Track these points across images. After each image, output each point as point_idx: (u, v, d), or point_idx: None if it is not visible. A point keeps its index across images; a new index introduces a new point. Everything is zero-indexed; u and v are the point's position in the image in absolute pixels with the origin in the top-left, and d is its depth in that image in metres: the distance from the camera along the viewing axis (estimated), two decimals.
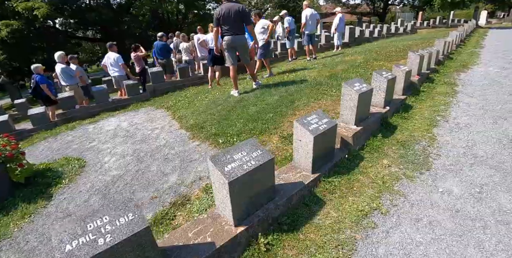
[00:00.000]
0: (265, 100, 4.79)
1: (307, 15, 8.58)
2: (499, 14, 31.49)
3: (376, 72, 3.63)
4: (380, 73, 3.64)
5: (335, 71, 6.29)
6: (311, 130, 2.31)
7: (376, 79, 3.63)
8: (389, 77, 3.62)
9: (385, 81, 3.53)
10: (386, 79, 3.53)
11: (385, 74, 3.68)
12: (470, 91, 4.79)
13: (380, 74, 3.62)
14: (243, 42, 5.10)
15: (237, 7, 4.86)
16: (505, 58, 7.52)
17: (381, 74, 3.62)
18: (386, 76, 3.62)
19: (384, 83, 3.54)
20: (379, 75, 3.59)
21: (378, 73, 3.64)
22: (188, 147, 3.83)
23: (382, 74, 3.65)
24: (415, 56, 4.94)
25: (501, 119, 3.56)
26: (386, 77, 3.59)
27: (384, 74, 3.67)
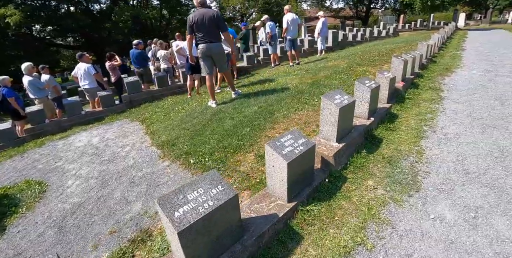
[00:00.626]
0: (243, 112, 4.51)
1: (288, 20, 8.40)
2: (476, 16, 32.41)
3: (358, 81, 3.39)
4: (363, 82, 3.40)
5: (318, 78, 6.07)
6: (285, 155, 2.01)
7: (359, 89, 3.39)
8: (373, 86, 3.38)
9: (368, 91, 3.29)
10: (370, 89, 3.29)
11: (368, 83, 3.44)
12: (456, 96, 4.62)
13: (363, 83, 3.38)
14: (218, 50, 4.84)
15: (211, 13, 4.59)
16: (488, 60, 7.49)
17: (364, 84, 3.38)
18: (370, 85, 3.38)
19: (368, 93, 3.30)
20: (362, 84, 3.35)
21: (361, 82, 3.40)
22: (157, 168, 3.53)
23: (365, 83, 3.41)
24: (399, 61, 4.75)
25: (490, 128, 3.36)
26: (369, 86, 3.35)
27: (367, 83, 3.43)
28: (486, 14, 27.10)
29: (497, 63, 7.07)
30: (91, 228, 2.65)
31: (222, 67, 5.19)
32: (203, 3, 4.70)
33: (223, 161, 3.19)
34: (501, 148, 2.90)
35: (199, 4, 4.68)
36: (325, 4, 33.24)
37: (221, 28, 4.68)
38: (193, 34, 4.69)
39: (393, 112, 3.99)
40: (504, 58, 7.70)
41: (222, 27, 4.68)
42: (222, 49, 4.99)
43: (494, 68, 6.44)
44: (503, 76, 5.68)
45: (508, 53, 8.54)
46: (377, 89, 3.53)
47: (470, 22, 27.25)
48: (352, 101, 2.84)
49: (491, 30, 18.96)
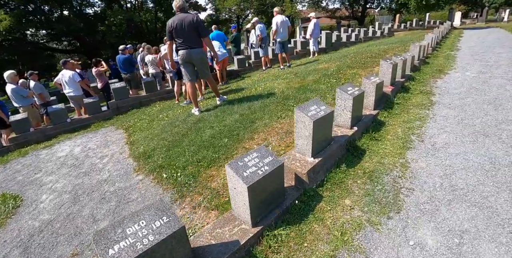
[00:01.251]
0: (224, 120, 4.32)
1: (277, 22, 8.21)
2: (472, 15, 32.26)
3: (340, 89, 3.18)
4: (345, 90, 3.18)
5: (306, 82, 5.87)
6: (246, 177, 1.80)
7: (341, 97, 3.17)
8: (356, 94, 3.17)
9: (350, 99, 3.08)
10: (352, 97, 3.07)
11: (350, 90, 3.23)
12: (448, 101, 4.41)
13: (344, 91, 3.16)
14: (199, 56, 4.68)
15: (191, 18, 4.43)
16: (482, 61, 7.28)
17: (346, 91, 3.16)
18: (352, 93, 3.17)
19: (350, 101, 3.09)
20: (344, 92, 3.14)
21: (343, 89, 3.18)
22: (130, 182, 3.38)
23: (347, 90, 3.20)
24: (387, 65, 4.54)
25: (481, 136, 3.14)
26: (351, 94, 3.14)
27: (349, 90, 3.22)
28: (482, 13, 26.92)
29: (492, 64, 6.86)
30: (55, 249, 2.54)
31: (205, 73, 5.02)
32: (182, 8, 4.54)
33: (195, 176, 3.02)
34: (493, 160, 2.68)
35: (178, 9, 4.54)
36: (321, 5, 33.08)
37: (202, 33, 4.54)
38: (173, 40, 4.56)
39: (380, 119, 3.77)
40: (500, 58, 7.49)
41: (202, 32, 4.53)
42: (204, 55, 4.83)
43: (489, 70, 6.23)
44: (497, 78, 5.46)
45: (503, 53, 8.33)
46: (361, 96, 3.31)
47: (466, 21, 27.07)
48: (329, 112, 2.62)
49: (487, 29, 18.76)
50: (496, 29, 18.27)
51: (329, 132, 2.78)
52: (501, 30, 16.83)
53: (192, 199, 2.73)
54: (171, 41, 4.59)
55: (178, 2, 4.56)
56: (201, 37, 4.56)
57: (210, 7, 37.26)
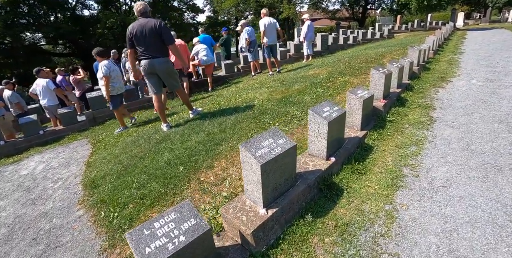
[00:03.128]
0: (188, 141, 3.74)
1: (265, 25, 7.59)
2: (475, 15, 31.46)
3: (313, 111, 2.52)
4: (319, 111, 2.53)
5: (290, 92, 5.23)
6: (149, 254, 1.16)
7: (313, 120, 2.52)
8: (333, 117, 2.51)
9: (325, 123, 2.43)
10: (327, 121, 2.41)
11: (327, 111, 2.57)
12: (451, 117, 3.73)
13: (318, 112, 2.50)
14: (164, 66, 4.12)
15: (153, 23, 3.86)
16: (489, 67, 6.58)
17: (321, 113, 2.51)
18: (329, 115, 2.51)
19: (324, 126, 2.43)
20: (317, 115, 2.48)
21: (316, 111, 2.52)
22: (68, 219, 2.90)
23: (323, 111, 2.54)
24: (379, 75, 3.88)
25: (493, 171, 2.47)
26: (327, 117, 2.48)
27: (326, 111, 2.56)
28: (485, 13, 26.13)
29: (500, 70, 6.16)
30: None
31: (172, 84, 4.46)
32: (143, 12, 3.96)
33: (132, 219, 2.50)
34: (508, 209, 2.01)
35: (139, 13, 3.96)
36: (321, 6, 32.39)
37: (166, 41, 3.99)
38: (134, 48, 4.03)
39: (367, 144, 3.11)
40: (508, 63, 6.79)
41: (167, 38, 3.98)
42: (169, 65, 4.24)
43: (497, 77, 5.54)
44: (508, 88, 4.78)
45: (511, 57, 7.62)
46: (341, 118, 2.65)
47: (469, 21, 26.28)
48: (291, 147, 1.97)
49: (491, 30, 18.00)
50: (500, 30, 17.53)
51: (292, 170, 2.12)
52: (506, 31, 16.08)
53: (121, 251, 2.15)
54: (131, 50, 4.08)
55: (139, 6, 3.99)
56: (166, 44, 4.03)
57: (209, 9, 36.80)
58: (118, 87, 5.20)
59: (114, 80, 5.11)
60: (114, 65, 5.16)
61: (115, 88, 5.14)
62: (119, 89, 5.26)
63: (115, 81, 5.15)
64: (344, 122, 2.81)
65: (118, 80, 5.21)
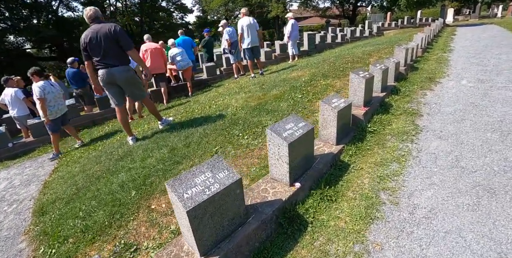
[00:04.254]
0: (150, 157, 3.41)
1: (243, 26, 7.17)
2: (465, 11, 31.38)
3: (272, 130, 2.11)
4: (279, 130, 2.12)
5: (267, 98, 4.83)
6: None
7: (272, 141, 2.11)
8: (297, 135, 2.11)
9: (285, 145, 2.01)
10: (287, 143, 2.00)
11: (290, 128, 2.16)
12: (439, 126, 3.35)
13: (277, 132, 2.09)
14: (124, 75, 3.70)
15: (107, 28, 3.45)
16: (479, 65, 6.24)
17: (281, 132, 2.10)
18: (291, 134, 2.10)
19: (285, 148, 2.02)
20: (276, 135, 2.06)
21: (275, 130, 2.11)
22: (9, 253, 2.58)
23: (284, 129, 2.13)
24: (359, 80, 3.48)
25: (486, 195, 2.09)
26: (287, 137, 2.07)
27: (288, 128, 2.15)
28: (474, 9, 25.99)
29: (491, 68, 5.82)
30: None
31: (135, 94, 4.06)
32: (95, 18, 3.54)
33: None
34: (504, 250, 1.62)
35: (90, 20, 3.54)
36: (311, 3, 32.03)
37: (124, 46, 3.59)
38: (91, 60, 3.61)
39: (343, 161, 2.71)
40: (500, 61, 6.46)
41: (125, 44, 3.58)
42: (130, 73, 3.81)
43: (489, 77, 5.19)
44: (500, 89, 4.42)
45: (503, 54, 7.30)
46: (307, 135, 2.24)
47: (459, 17, 26.10)
48: (230, 184, 1.55)
49: (481, 26, 17.77)
50: (490, 25, 17.32)
51: (239, 207, 1.70)
52: (495, 27, 15.86)
53: None
54: (88, 61, 3.64)
55: (89, 11, 3.58)
56: (125, 50, 3.62)
57: (197, 9, 36.27)
58: (55, 111, 4.76)
59: (50, 103, 4.66)
60: (50, 87, 4.71)
61: (52, 112, 4.69)
62: (58, 112, 4.81)
63: (52, 104, 4.70)
64: (313, 140, 2.39)
65: (56, 102, 4.75)
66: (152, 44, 7.22)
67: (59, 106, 4.82)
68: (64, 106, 5.00)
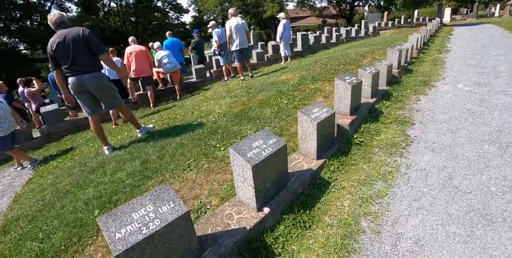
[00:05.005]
0: (121, 170, 3.16)
1: (231, 27, 6.89)
2: (462, 11, 31.17)
3: (234, 149, 1.83)
4: (245, 149, 1.84)
5: (251, 104, 4.56)
6: None
7: (236, 162, 1.83)
8: (263, 155, 1.84)
9: (248, 168, 1.74)
10: (251, 165, 1.73)
11: (258, 146, 1.89)
12: (431, 136, 3.08)
13: (241, 153, 1.82)
14: (96, 82, 3.43)
15: (75, 33, 3.18)
16: (477, 67, 5.97)
17: (245, 152, 1.82)
18: (258, 153, 1.83)
19: (248, 170, 1.75)
20: (239, 155, 1.79)
21: (238, 150, 1.84)
22: None
23: (250, 148, 1.86)
24: (345, 86, 3.20)
25: (481, 223, 1.81)
26: (252, 157, 1.80)
27: (255, 146, 1.88)
28: (472, 8, 25.76)
29: (489, 71, 5.56)
30: None
31: (110, 103, 3.78)
32: (60, 23, 3.26)
33: None
34: None
35: (55, 25, 3.26)
36: (308, 3, 31.72)
37: (95, 51, 3.32)
38: (59, 67, 3.36)
39: (323, 178, 2.43)
40: (498, 63, 6.20)
41: (96, 48, 3.31)
42: (102, 80, 3.52)
43: (486, 80, 4.93)
44: (499, 94, 4.16)
45: (501, 55, 7.05)
46: (278, 153, 1.97)
47: (456, 16, 25.87)
48: (174, 219, 1.28)
49: (478, 25, 17.53)
50: (487, 25, 17.09)
51: (189, 243, 1.43)
52: (493, 26, 15.62)
53: None
54: (57, 70, 3.38)
55: (54, 16, 3.31)
56: (97, 54, 3.35)
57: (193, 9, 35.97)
58: (6, 128, 4.42)
59: (1, 120, 4.35)
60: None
61: (3, 129, 4.37)
62: (8, 129, 4.47)
63: (3, 121, 4.39)
64: (286, 158, 2.12)
65: (5, 119, 4.43)
66: (137, 46, 6.95)
67: (9, 123, 4.46)
68: (13, 124, 4.65)
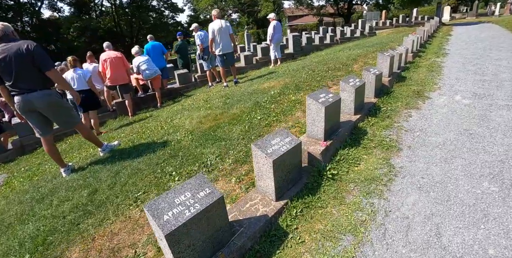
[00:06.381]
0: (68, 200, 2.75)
1: (214, 30, 6.40)
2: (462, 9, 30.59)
3: (148, 209, 1.41)
4: (161, 209, 1.35)
5: (223, 118, 4.10)
6: None
7: (152, 222, 1.36)
8: (186, 217, 1.35)
9: (162, 236, 1.25)
10: (164, 234, 1.24)
11: (182, 202, 1.41)
12: (420, 167, 2.58)
13: (156, 215, 1.33)
14: (44, 100, 3.11)
15: (18, 48, 2.85)
16: (477, 74, 5.47)
17: (162, 212, 1.33)
18: (179, 213, 1.34)
19: (163, 239, 1.26)
20: (153, 219, 1.31)
21: (153, 212, 1.35)
22: None
23: (173, 205, 1.37)
24: (317, 106, 2.69)
25: None
26: (169, 221, 1.31)
27: (178, 202, 1.40)
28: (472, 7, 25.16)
29: (490, 78, 5.05)
30: None
31: (63, 122, 3.46)
32: (2, 36, 2.88)
33: None
34: None
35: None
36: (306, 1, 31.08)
37: (42, 66, 2.97)
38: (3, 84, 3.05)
39: (280, 227, 1.94)
40: (500, 68, 5.69)
41: (43, 64, 2.96)
42: (52, 98, 3.16)
43: (487, 91, 4.43)
44: (502, 109, 3.66)
45: (503, 59, 6.54)
46: (209, 209, 1.48)
47: (456, 15, 25.27)
48: None
49: (478, 24, 16.99)
50: (488, 24, 16.56)
51: None
52: (493, 26, 15.09)
53: None
54: (1, 86, 3.07)
55: None
56: (43, 71, 2.99)
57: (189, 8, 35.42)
58: None
59: None
60: None
61: None
62: None
63: None
64: (224, 210, 1.63)
65: None
66: (112, 52, 6.48)
67: None
68: None
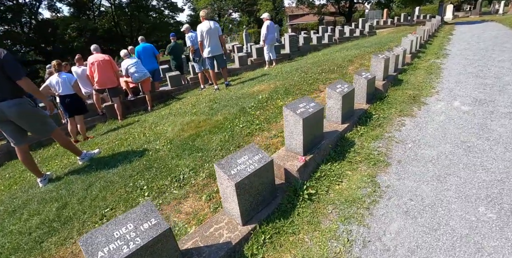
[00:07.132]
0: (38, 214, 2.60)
1: (202, 31, 6.14)
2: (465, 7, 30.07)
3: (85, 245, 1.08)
4: (96, 247, 1.09)
5: (205, 126, 3.88)
6: None
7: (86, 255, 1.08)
8: (125, 252, 1.09)
9: None
10: None
11: (120, 237, 1.14)
12: (409, 186, 2.31)
13: (90, 252, 1.07)
14: (15, 109, 3.01)
15: None
16: (478, 77, 5.16)
17: (96, 251, 1.07)
18: (116, 249, 1.08)
19: None
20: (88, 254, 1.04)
21: (88, 245, 1.09)
22: None
23: (111, 238, 1.11)
24: (295, 118, 2.42)
25: None
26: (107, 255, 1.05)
27: (116, 239, 1.13)
28: (475, 5, 24.67)
29: (492, 82, 4.76)
30: None
31: (38, 130, 3.35)
32: None
33: None
34: None
35: None
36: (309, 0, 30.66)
37: (12, 75, 2.89)
38: None
39: (244, 257, 1.69)
40: (502, 70, 5.39)
41: (13, 73, 2.88)
42: (23, 107, 3.06)
43: (489, 96, 4.13)
44: (504, 117, 3.36)
45: (506, 60, 6.22)
46: (157, 240, 1.23)
47: (459, 14, 24.81)
48: None
49: (481, 23, 16.58)
50: (491, 23, 16.15)
51: None
52: (497, 25, 14.68)
53: None
54: None
55: None
56: (15, 80, 2.91)
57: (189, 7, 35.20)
58: None
59: None
60: None
61: None
62: None
63: None
64: (171, 245, 1.37)
65: None
66: (100, 55, 6.28)
67: None
68: None
